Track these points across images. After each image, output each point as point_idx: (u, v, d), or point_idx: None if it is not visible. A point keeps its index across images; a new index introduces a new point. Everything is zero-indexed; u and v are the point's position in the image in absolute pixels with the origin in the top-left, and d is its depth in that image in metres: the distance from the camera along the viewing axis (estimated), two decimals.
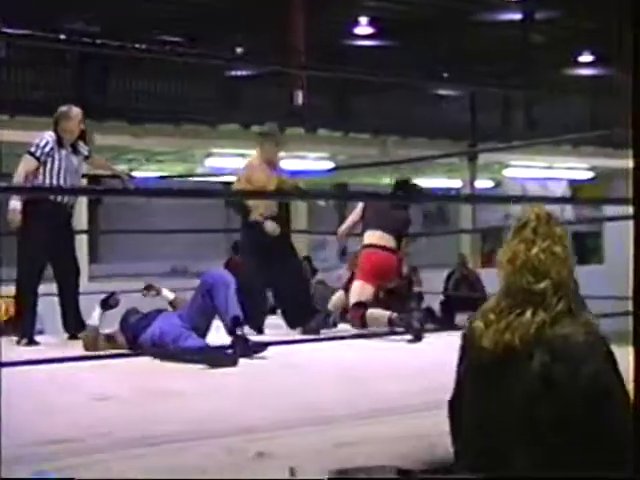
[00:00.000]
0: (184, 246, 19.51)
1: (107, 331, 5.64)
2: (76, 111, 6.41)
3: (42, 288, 6.34)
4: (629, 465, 1.86)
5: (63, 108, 6.43)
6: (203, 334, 5.40)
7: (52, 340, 6.40)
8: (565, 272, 2.25)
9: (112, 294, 5.77)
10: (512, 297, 2.24)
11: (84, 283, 14.24)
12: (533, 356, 2.12)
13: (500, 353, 2.16)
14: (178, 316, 5.49)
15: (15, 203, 6.10)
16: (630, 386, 1.97)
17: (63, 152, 6.27)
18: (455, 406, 2.31)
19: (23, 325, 6.18)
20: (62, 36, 3.74)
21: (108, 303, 5.69)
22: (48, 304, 6.47)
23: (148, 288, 5.96)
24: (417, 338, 5.83)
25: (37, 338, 6.23)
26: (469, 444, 2.20)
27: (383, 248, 6.53)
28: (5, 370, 3.08)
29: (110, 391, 4.05)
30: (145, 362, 4.80)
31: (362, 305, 6.25)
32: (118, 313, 5.70)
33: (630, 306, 5.68)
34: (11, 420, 2.88)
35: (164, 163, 18.29)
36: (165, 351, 5.15)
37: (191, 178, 16.13)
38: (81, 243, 14.61)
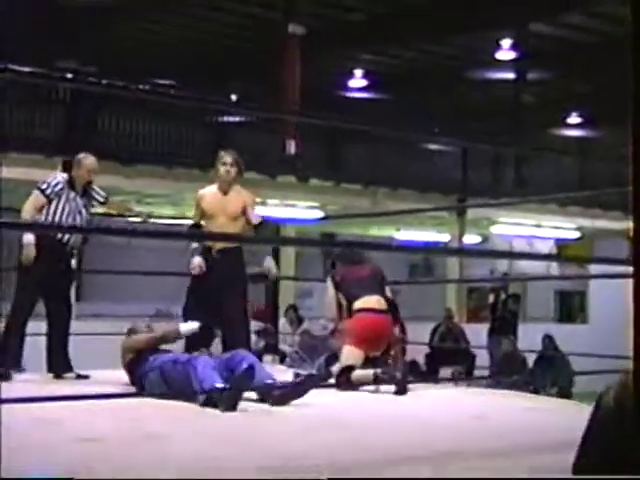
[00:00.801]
0: (169, 289, 19.45)
1: None
2: (89, 161, 6.50)
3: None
4: None
5: (80, 155, 6.54)
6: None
7: (35, 378, 6.35)
8: None
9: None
10: None
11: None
12: None
13: None
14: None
15: (29, 237, 6.16)
16: None
17: (72, 194, 6.38)
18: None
19: (7, 358, 6.11)
20: (69, 75, 3.79)
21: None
22: (29, 343, 6.41)
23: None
24: (402, 391, 5.82)
25: (18, 376, 6.11)
26: None
27: (377, 311, 6.33)
28: None
29: (98, 432, 4.02)
30: (136, 402, 4.77)
31: (349, 369, 6.16)
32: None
33: (615, 364, 5.69)
34: None
35: (154, 206, 18.32)
36: (167, 388, 5.14)
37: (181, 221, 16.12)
38: None
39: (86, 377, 6.24)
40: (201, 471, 3.36)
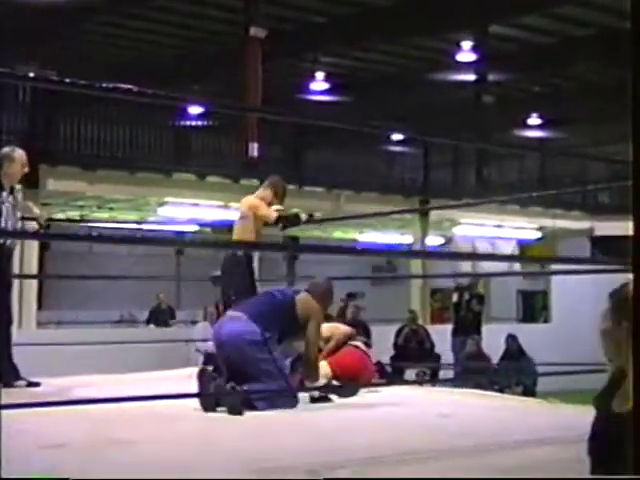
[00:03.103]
0: (132, 295, 19.39)
1: None
2: (19, 153, 6.11)
3: None
4: None
5: (6, 149, 6.15)
6: None
7: None
8: None
9: None
10: None
11: (32, 329, 14.11)
12: None
13: None
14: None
15: None
16: None
17: (4, 194, 5.99)
18: None
19: None
20: (31, 74, 3.73)
21: None
22: None
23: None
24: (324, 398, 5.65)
25: None
26: None
27: (365, 352, 6.38)
28: None
29: (63, 438, 3.98)
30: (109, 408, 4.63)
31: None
32: None
33: (576, 366, 5.70)
34: None
35: (116, 211, 18.21)
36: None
37: (144, 226, 16.08)
38: (30, 288, 14.45)
39: (37, 384, 5.95)
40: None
